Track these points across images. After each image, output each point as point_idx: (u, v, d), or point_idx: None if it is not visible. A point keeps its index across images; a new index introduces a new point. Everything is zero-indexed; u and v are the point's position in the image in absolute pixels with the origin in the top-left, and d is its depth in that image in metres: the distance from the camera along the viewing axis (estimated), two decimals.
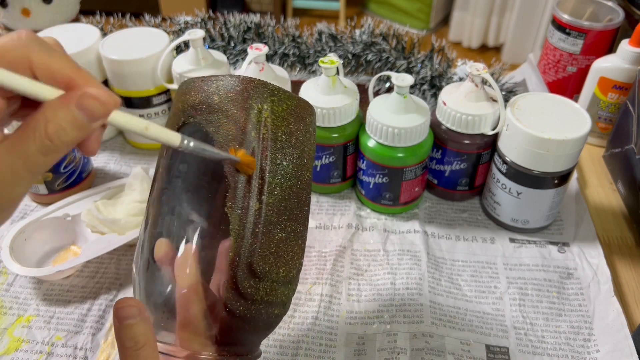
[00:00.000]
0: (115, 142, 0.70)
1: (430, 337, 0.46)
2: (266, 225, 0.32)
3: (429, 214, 0.60)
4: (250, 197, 0.32)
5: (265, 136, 0.32)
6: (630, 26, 0.68)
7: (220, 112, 0.33)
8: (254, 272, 0.31)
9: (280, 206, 0.32)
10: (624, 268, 0.54)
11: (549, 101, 0.54)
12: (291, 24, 0.76)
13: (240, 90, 0.33)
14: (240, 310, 0.31)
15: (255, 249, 0.31)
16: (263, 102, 0.33)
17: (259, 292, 0.31)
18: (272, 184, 0.32)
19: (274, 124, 0.33)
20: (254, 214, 0.31)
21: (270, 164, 0.32)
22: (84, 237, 0.54)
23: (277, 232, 0.32)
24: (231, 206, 0.31)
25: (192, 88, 0.34)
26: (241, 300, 0.31)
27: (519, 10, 2.13)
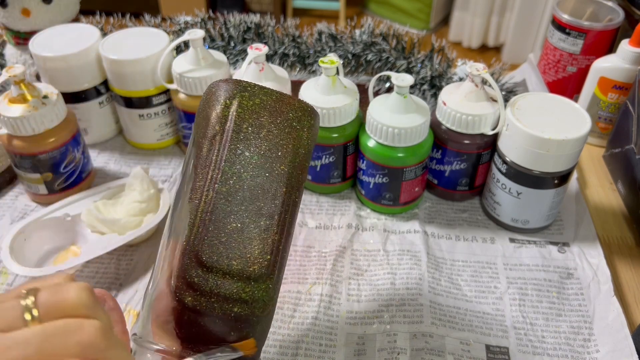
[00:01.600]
0: (115, 142, 0.70)
1: (430, 337, 0.46)
2: (216, 213, 0.31)
3: (429, 214, 0.60)
4: (205, 187, 0.32)
5: (228, 128, 0.34)
6: (630, 26, 0.68)
7: (200, 113, 0.36)
8: (201, 261, 0.31)
9: (236, 196, 0.32)
10: (624, 268, 0.54)
11: (549, 101, 0.54)
12: (291, 24, 0.76)
13: (214, 90, 0.36)
14: (189, 300, 0.30)
15: (202, 236, 0.31)
16: (231, 97, 0.35)
17: (208, 284, 0.30)
18: (227, 173, 0.32)
19: (240, 116, 0.34)
20: (206, 202, 0.32)
21: (227, 153, 0.33)
22: (84, 237, 0.54)
23: (230, 222, 0.31)
24: (190, 197, 0.32)
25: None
26: (189, 290, 0.30)
27: (519, 10, 2.13)
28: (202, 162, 0.33)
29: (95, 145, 0.69)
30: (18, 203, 0.61)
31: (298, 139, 0.35)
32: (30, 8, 0.65)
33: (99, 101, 0.66)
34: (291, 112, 0.36)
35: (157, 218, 0.54)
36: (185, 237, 0.31)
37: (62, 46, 0.62)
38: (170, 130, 0.68)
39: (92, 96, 0.65)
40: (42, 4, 0.66)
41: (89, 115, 0.66)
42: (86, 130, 0.67)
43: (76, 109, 0.65)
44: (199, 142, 0.34)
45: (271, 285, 0.32)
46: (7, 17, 0.66)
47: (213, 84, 0.36)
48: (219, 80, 0.36)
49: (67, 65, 0.61)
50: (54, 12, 0.67)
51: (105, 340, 0.24)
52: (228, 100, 0.34)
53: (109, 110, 0.68)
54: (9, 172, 0.63)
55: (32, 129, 0.54)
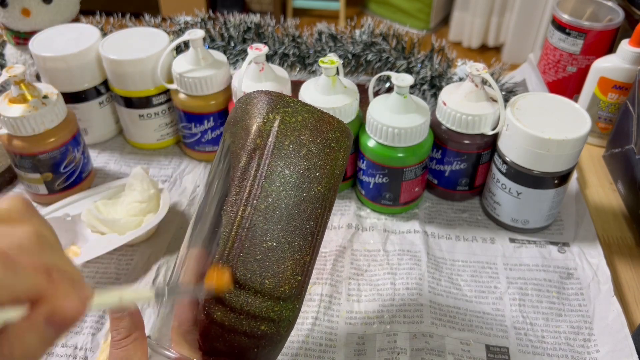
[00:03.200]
0: (115, 142, 0.70)
1: (430, 337, 0.46)
2: (253, 230, 0.31)
3: (429, 214, 0.60)
4: (243, 201, 0.32)
5: (269, 144, 0.33)
6: (630, 26, 0.68)
7: (238, 123, 0.35)
8: (234, 278, 0.30)
9: (274, 214, 0.32)
10: (624, 268, 0.54)
11: (549, 101, 0.54)
12: (291, 24, 0.76)
13: (256, 102, 0.35)
14: (218, 315, 0.30)
15: (238, 253, 0.31)
16: (274, 112, 0.34)
17: (238, 300, 0.30)
18: (267, 190, 0.32)
19: (283, 133, 0.33)
20: (242, 217, 0.31)
21: (268, 169, 0.32)
22: (84, 237, 0.54)
23: (266, 240, 0.31)
24: (226, 209, 0.32)
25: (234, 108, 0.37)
26: (219, 305, 0.30)
27: (519, 10, 2.13)
28: (240, 175, 0.32)
29: (95, 145, 0.69)
30: None
31: (335, 160, 0.35)
32: (30, 8, 0.65)
33: (99, 101, 0.66)
34: (330, 132, 0.35)
35: (157, 218, 0.54)
36: (219, 250, 0.31)
37: (62, 46, 0.62)
38: (170, 130, 0.68)
39: (92, 96, 0.65)
40: (42, 4, 0.66)
41: (89, 115, 0.66)
42: (86, 130, 0.67)
43: (76, 109, 0.65)
44: (237, 152, 0.33)
45: (297, 306, 0.33)
46: (7, 17, 0.66)
47: (254, 94, 0.35)
48: (260, 91, 0.35)
49: (67, 65, 0.61)
50: (54, 12, 0.67)
51: (39, 245, 0.23)
52: (271, 114, 0.34)
53: (109, 110, 0.68)
54: (9, 172, 0.63)
55: (32, 129, 0.54)
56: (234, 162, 0.33)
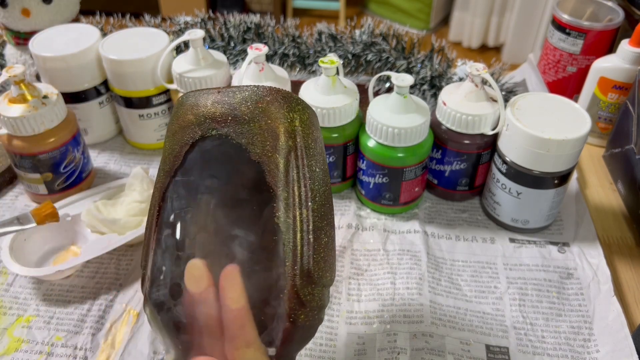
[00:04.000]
0: (115, 142, 0.70)
1: (430, 337, 0.46)
2: (315, 231, 0.32)
3: (429, 214, 0.60)
4: (297, 205, 0.32)
5: (299, 144, 0.33)
6: (630, 26, 0.68)
7: (252, 122, 0.33)
8: (312, 279, 0.31)
9: (321, 212, 0.33)
10: (624, 268, 0.54)
11: (549, 101, 0.54)
12: (291, 24, 0.76)
13: (271, 100, 0.33)
14: (302, 318, 0.31)
15: (311, 255, 0.31)
16: (293, 111, 0.33)
17: (314, 298, 0.32)
18: (313, 191, 0.33)
19: (304, 132, 0.33)
20: (303, 221, 0.32)
21: (309, 171, 0.33)
22: (84, 237, 0.54)
23: (323, 237, 0.33)
24: (279, 216, 0.32)
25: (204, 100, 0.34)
26: (302, 308, 0.31)
27: (519, 10, 2.13)
28: (283, 180, 0.32)
29: (95, 145, 0.69)
30: (18, 203, 0.61)
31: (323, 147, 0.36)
32: (30, 8, 0.65)
33: (99, 101, 0.66)
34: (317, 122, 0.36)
35: None
36: (290, 258, 0.31)
37: (62, 46, 0.62)
38: None
39: (92, 96, 0.65)
40: (42, 4, 0.66)
41: (89, 115, 0.66)
42: (86, 130, 0.67)
43: (76, 109, 0.65)
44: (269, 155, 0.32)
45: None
46: (7, 17, 0.66)
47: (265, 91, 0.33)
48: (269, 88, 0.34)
49: (67, 65, 0.61)
50: (54, 12, 0.67)
51: None
52: (290, 113, 0.33)
53: (109, 110, 0.68)
54: (9, 172, 0.63)
55: (32, 129, 0.54)
56: (268, 166, 0.32)
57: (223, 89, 0.34)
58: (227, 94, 0.33)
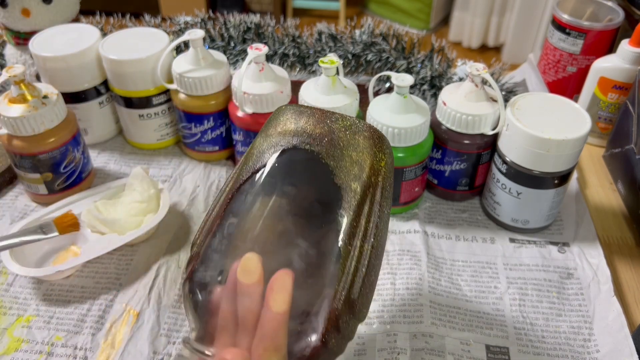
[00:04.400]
0: (115, 142, 0.70)
1: (430, 337, 0.46)
2: (369, 267, 0.33)
3: (429, 214, 0.60)
4: (361, 237, 0.33)
5: (380, 183, 0.35)
6: (630, 26, 0.68)
7: (345, 150, 0.35)
8: (353, 309, 0.32)
9: (378, 251, 0.34)
10: (624, 268, 0.54)
11: (549, 101, 0.54)
12: (291, 24, 0.76)
13: (368, 137, 0.36)
14: (332, 342, 0.32)
15: (359, 287, 0.33)
16: (382, 152, 0.36)
17: (348, 328, 0.33)
18: (378, 229, 0.34)
19: (386, 175, 0.36)
20: (362, 253, 0.33)
21: (379, 211, 0.35)
22: (84, 237, 0.54)
23: (372, 275, 0.34)
24: (346, 242, 0.33)
25: (310, 116, 0.36)
26: (336, 333, 0.32)
27: (519, 10, 2.13)
28: (356, 209, 0.33)
29: (95, 145, 0.69)
30: (18, 203, 0.61)
31: None
32: (30, 8, 0.65)
33: (99, 101, 0.66)
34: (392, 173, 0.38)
35: (157, 218, 0.54)
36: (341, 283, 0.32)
37: (62, 46, 0.62)
38: (170, 130, 0.68)
39: (92, 96, 0.65)
40: (42, 4, 0.66)
41: (89, 115, 0.66)
42: (86, 130, 0.67)
43: (76, 109, 0.65)
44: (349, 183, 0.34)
45: None
46: (7, 17, 0.66)
47: (366, 127, 0.36)
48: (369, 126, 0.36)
49: (67, 65, 0.61)
50: (54, 12, 0.67)
51: None
52: (379, 154, 0.36)
53: (109, 110, 0.68)
54: (9, 172, 0.63)
55: (32, 129, 0.54)
56: (347, 194, 0.34)
57: (327, 111, 0.37)
58: (330, 117, 0.36)
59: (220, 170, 0.65)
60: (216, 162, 0.67)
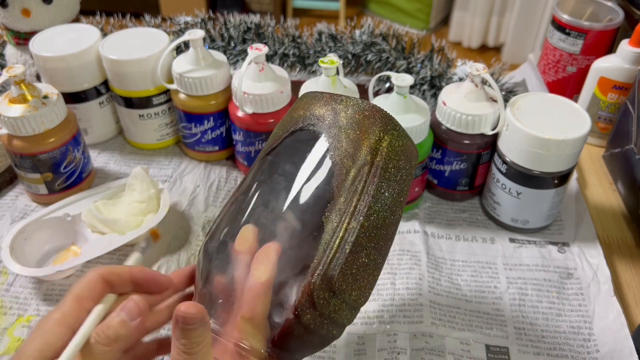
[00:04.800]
0: (115, 142, 0.70)
1: (430, 337, 0.47)
2: (355, 245, 0.33)
3: (429, 214, 0.60)
4: (349, 214, 0.33)
5: (377, 163, 0.34)
6: (630, 26, 0.68)
7: (343, 129, 0.35)
8: (331, 287, 0.32)
9: (372, 233, 0.34)
10: (624, 268, 0.54)
11: (549, 101, 0.54)
12: (291, 24, 0.76)
13: (368, 115, 0.35)
14: (307, 318, 0.32)
15: (339, 264, 0.32)
16: (385, 132, 0.35)
17: (328, 307, 0.32)
18: (371, 209, 0.34)
19: (388, 155, 0.35)
20: (347, 230, 0.33)
21: (375, 190, 0.34)
22: (84, 237, 0.54)
23: (362, 256, 0.33)
24: (328, 217, 0.33)
25: (319, 99, 0.37)
26: (311, 308, 0.32)
27: (519, 10, 2.13)
28: (347, 187, 0.33)
29: (95, 145, 0.69)
30: (18, 203, 0.61)
31: (410, 187, 0.37)
32: (31, 8, 0.65)
33: (99, 101, 0.66)
34: (413, 160, 0.37)
35: (157, 218, 0.54)
36: (319, 255, 0.32)
37: (62, 46, 0.62)
38: (171, 130, 0.68)
39: (92, 96, 0.65)
40: (42, 4, 0.66)
41: (89, 115, 0.66)
42: (86, 130, 0.67)
43: (76, 109, 0.65)
44: (343, 161, 0.34)
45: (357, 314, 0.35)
46: (7, 17, 0.66)
47: (366, 106, 0.36)
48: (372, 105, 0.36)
49: (67, 65, 0.61)
50: (54, 12, 0.67)
51: None
52: (382, 134, 0.35)
53: (109, 110, 0.68)
54: (9, 172, 0.63)
55: (32, 129, 0.54)
56: (339, 170, 0.34)
57: (335, 95, 0.37)
58: (336, 99, 0.36)
59: (220, 170, 0.65)
60: (216, 162, 0.67)
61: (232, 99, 0.60)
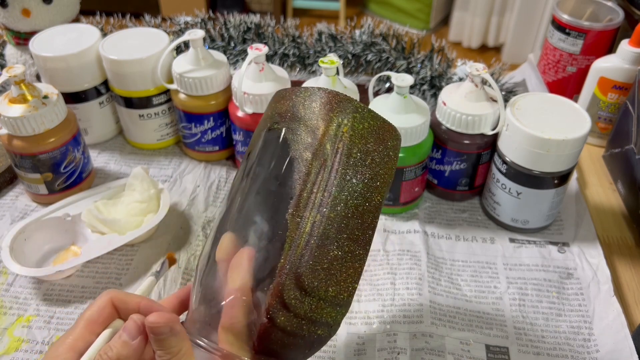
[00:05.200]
0: (115, 142, 0.70)
1: (430, 337, 0.46)
2: (322, 239, 0.31)
3: (429, 214, 0.60)
4: (313, 207, 0.31)
5: (339, 150, 0.33)
6: (630, 26, 0.68)
7: (302, 121, 0.33)
8: (302, 285, 0.31)
9: (341, 223, 0.32)
10: (624, 268, 0.54)
11: (549, 101, 0.54)
12: (291, 24, 0.76)
13: (324, 102, 0.34)
14: (281, 320, 0.30)
15: (307, 260, 0.31)
16: (344, 117, 0.33)
17: (303, 306, 0.31)
18: (336, 199, 0.32)
19: (351, 140, 0.33)
20: (312, 224, 0.31)
21: (338, 178, 0.32)
22: (84, 237, 0.54)
23: (333, 249, 0.31)
24: (292, 213, 0.31)
25: (283, 96, 0.36)
26: (283, 310, 0.30)
27: (519, 10, 2.13)
28: (309, 179, 0.32)
29: (95, 145, 0.69)
30: (18, 203, 0.61)
31: (391, 169, 0.35)
32: (31, 8, 0.65)
33: (99, 101, 0.66)
34: (389, 141, 0.35)
35: (157, 218, 0.54)
36: (285, 254, 0.31)
37: (62, 46, 0.62)
38: (171, 130, 0.68)
39: (92, 96, 0.65)
40: (42, 4, 0.66)
41: (89, 115, 0.66)
42: (86, 130, 0.67)
43: (76, 109, 0.65)
44: (302, 154, 0.33)
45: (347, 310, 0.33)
46: (7, 17, 0.66)
47: (320, 92, 0.34)
48: (327, 90, 0.34)
49: (67, 65, 0.61)
50: (54, 12, 0.67)
51: None
52: (340, 118, 0.33)
53: (109, 110, 0.68)
54: (9, 172, 0.63)
55: (32, 129, 0.54)
56: (299, 164, 0.32)
57: (298, 88, 0.35)
58: (296, 92, 0.35)
59: (220, 170, 0.65)
60: (216, 162, 0.67)
61: (232, 99, 0.60)
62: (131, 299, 0.33)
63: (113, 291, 0.33)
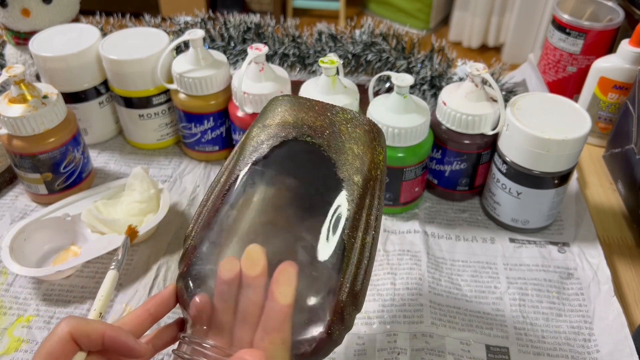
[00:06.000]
0: (115, 142, 0.70)
1: (430, 337, 0.46)
2: (370, 259, 0.34)
3: (429, 214, 0.60)
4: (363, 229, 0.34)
5: (378, 177, 0.36)
6: (630, 26, 0.68)
7: (347, 143, 0.35)
8: (357, 302, 0.33)
9: (375, 243, 0.35)
10: (624, 268, 0.54)
11: (549, 101, 0.54)
12: (291, 24, 0.76)
13: (368, 130, 0.36)
14: (337, 334, 0.32)
15: (362, 280, 0.33)
16: (382, 146, 0.37)
17: (351, 319, 0.33)
18: (378, 222, 0.35)
19: (383, 169, 0.37)
20: (364, 245, 0.34)
21: (378, 203, 0.35)
22: (84, 237, 0.54)
23: (370, 267, 0.35)
24: (349, 234, 0.33)
25: (309, 108, 0.37)
26: (340, 324, 0.32)
27: (519, 10, 2.13)
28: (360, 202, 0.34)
29: (95, 145, 0.69)
30: (18, 203, 0.61)
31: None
32: (30, 8, 0.65)
33: (99, 101, 0.66)
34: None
35: (157, 218, 0.54)
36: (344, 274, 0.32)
37: (62, 46, 0.62)
38: (171, 130, 0.68)
39: (92, 96, 0.65)
40: (42, 4, 0.66)
41: (89, 115, 0.66)
42: (86, 130, 0.67)
43: (76, 109, 0.65)
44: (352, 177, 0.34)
45: None
46: (7, 17, 0.66)
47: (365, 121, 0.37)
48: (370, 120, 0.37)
49: (67, 65, 0.61)
50: (54, 12, 0.67)
51: None
52: (378, 147, 0.36)
53: (109, 110, 0.68)
54: (9, 172, 0.63)
55: (32, 129, 0.54)
56: (350, 186, 0.34)
57: (327, 104, 0.37)
58: (330, 109, 0.37)
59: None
60: (216, 162, 0.67)
61: (232, 99, 0.60)
62: (93, 329, 0.30)
63: (73, 321, 0.30)
